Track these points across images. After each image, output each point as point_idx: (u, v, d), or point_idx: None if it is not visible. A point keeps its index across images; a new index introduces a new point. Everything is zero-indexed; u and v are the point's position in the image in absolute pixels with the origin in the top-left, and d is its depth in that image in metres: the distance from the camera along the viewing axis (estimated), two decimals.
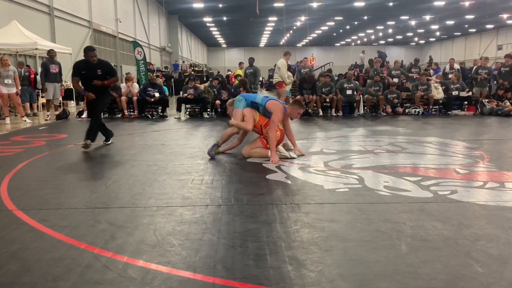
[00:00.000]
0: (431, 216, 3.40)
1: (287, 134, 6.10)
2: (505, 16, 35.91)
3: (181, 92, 13.13)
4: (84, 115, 12.19)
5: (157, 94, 12.35)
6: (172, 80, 24.87)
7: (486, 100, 12.67)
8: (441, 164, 5.54)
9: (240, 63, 18.43)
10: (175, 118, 12.01)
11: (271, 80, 20.61)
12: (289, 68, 15.72)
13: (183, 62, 38.31)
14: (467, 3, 29.62)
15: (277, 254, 2.65)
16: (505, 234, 2.97)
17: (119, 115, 12.36)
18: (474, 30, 45.89)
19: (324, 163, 5.48)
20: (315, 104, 12.34)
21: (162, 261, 2.56)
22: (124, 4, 27.24)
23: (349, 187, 4.28)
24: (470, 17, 36.52)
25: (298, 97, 12.52)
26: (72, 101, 15.97)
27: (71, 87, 16.52)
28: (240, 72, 16.08)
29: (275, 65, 13.80)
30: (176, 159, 5.81)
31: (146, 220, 3.32)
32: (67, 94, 15.70)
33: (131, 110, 12.46)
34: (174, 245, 2.80)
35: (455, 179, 4.61)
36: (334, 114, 12.31)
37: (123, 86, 12.99)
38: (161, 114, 12.43)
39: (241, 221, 3.26)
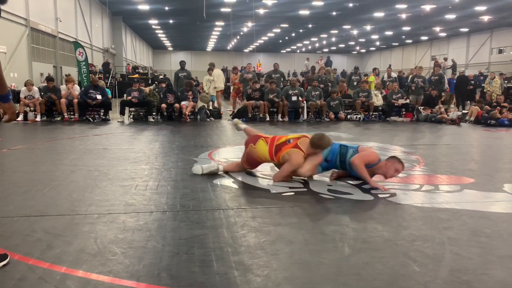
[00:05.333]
0: (372, 218, 3.53)
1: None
2: (437, 29, 38.33)
3: (124, 95, 12.76)
4: (20, 117, 11.53)
5: (99, 97, 11.93)
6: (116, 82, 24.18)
7: (422, 107, 13.43)
8: None
9: (234, 68, 16.83)
10: (118, 121, 11.64)
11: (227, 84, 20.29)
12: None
13: (128, 64, 37.29)
14: (404, 15, 31.31)
15: (223, 259, 2.63)
16: (439, 235, 3.14)
17: (59, 118, 11.81)
18: (410, 41, 48.53)
19: (270, 167, 5.53)
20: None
21: (104, 271, 2.45)
22: (64, 3, 26.10)
23: (295, 191, 4.34)
24: (406, 28, 38.60)
25: (246, 102, 12.64)
26: None
27: None
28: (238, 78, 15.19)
29: (211, 74, 14.00)
30: (119, 164, 5.62)
31: (86, 228, 3.17)
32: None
33: (72, 113, 11.95)
34: (116, 254, 2.70)
35: (393, 182, 4.82)
36: (281, 119, 12.51)
37: (63, 88, 12.46)
38: (104, 117, 12.02)
39: (187, 227, 3.21)
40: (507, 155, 7.51)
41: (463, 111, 14.56)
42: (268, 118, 12.53)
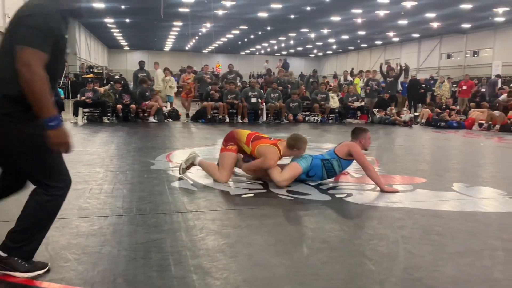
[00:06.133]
0: (329, 218, 3.59)
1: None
2: (391, 34, 39.71)
3: (78, 95, 12.32)
4: None
5: None
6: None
7: (376, 109, 13.86)
8: None
9: (188, 67, 16.07)
10: (71, 122, 11.22)
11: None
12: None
13: (82, 63, 36.08)
14: (359, 20, 32.21)
15: (181, 263, 2.59)
16: (393, 233, 3.24)
17: None
18: (365, 45, 49.98)
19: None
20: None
21: (55, 278, 2.35)
22: None
23: (254, 192, 4.35)
24: (362, 33, 39.70)
25: (205, 103, 12.55)
26: None
27: None
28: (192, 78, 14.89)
29: (167, 74, 14.06)
30: (72, 167, 5.37)
31: None
32: None
33: None
34: (69, 260, 2.59)
35: (350, 182, 4.94)
36: (240, 120, 12.52)
37: None
38: None
39: (144, 232, 3.13)
40: (455, 155, 7.89)
41: (415, 114, 15.14)
42: (227, 120, 12.50)
